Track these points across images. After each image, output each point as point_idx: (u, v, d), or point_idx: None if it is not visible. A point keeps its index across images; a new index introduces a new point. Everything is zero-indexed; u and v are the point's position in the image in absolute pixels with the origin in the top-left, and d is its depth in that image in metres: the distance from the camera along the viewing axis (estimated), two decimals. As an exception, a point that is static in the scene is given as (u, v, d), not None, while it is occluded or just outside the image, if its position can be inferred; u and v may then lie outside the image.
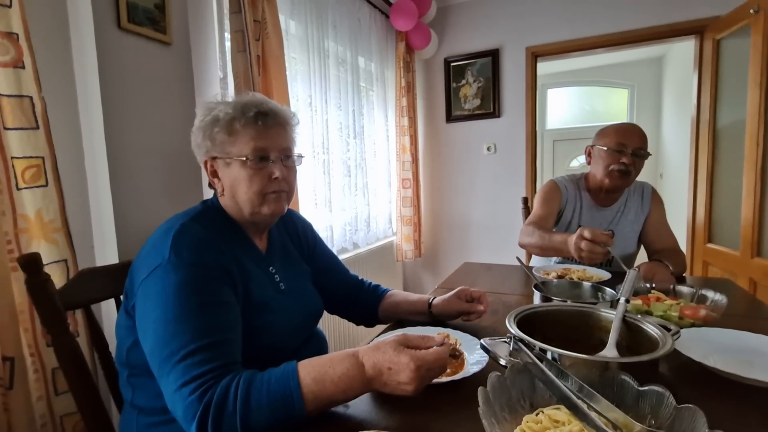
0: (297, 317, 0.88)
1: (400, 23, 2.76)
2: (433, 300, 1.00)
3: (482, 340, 0.67)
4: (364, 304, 1.07)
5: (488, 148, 3.14)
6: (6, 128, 0.87)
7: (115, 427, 0.82)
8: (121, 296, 0.79)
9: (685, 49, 3.41)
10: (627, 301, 0.80)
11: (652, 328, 0.70)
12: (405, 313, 1.03)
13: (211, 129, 0.80)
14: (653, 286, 1.05)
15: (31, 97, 0.90)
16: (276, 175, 0.81)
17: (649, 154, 1.48)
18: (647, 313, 0.92)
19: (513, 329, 0.69)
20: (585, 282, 1.05)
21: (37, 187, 0.92)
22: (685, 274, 1.46)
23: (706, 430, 0.45)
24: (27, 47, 0.89)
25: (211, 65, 1.49)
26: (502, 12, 2.99)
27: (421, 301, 1.02)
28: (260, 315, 0.78)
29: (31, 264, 0.73)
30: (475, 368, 0.74)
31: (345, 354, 0.63)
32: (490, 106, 3.08)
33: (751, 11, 2.01)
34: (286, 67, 1.73)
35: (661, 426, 0.50)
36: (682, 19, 2.56)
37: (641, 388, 0.53)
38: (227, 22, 1.54)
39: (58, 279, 0.92)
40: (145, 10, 1.16)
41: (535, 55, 2.97)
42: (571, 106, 5.31)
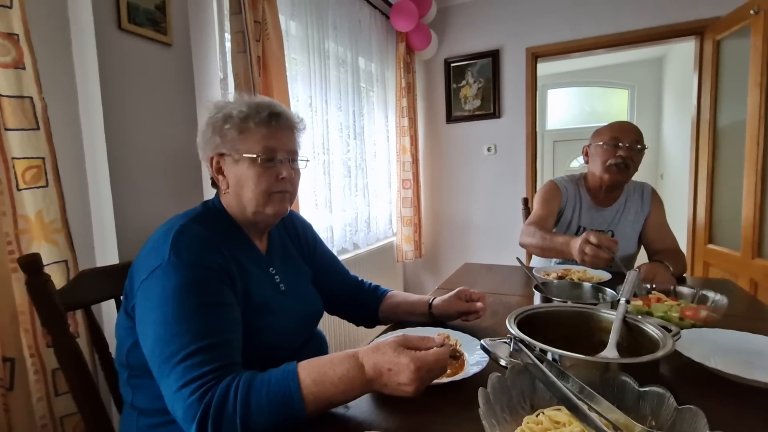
0: (297, 318, 0.88)
1: (401, 24, 2.76)
2: (434, 300, 1.00)
3: (482, 341, 0.67)
4: (364, 305, 1.07)
5: (488, 149, 3.14)
6: (6, 129, 0.87)
7: (115, 428, 0.82)
8: (121, 297, 0.79)
9: (685, 49, 3.41)
10: (627, 302, 0.80)
11: (652, 329, 0.70)
12: (405, 313, 1.03)
13: (222, 125, 0.81)
14: (654, 286, 1.05)
15: (31, 98, 0.90)
16: (283, 175, 0.81)
17: (646, 147, 1.49)
18: (648, 313, 0.92)
19: (513, 330, 0.69)
20: (585, 283, 1.05)
21: (38, 187, 0.92)
22: (685, 274, 1.46)
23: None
24: (27, 48, 0.89)
25: (211, 66, 1.50)
26: (502, 13, 2.99)
27: (422, 302, 1.01)
28: (260, 316, 0.78)
29: (31, 265, 0.73)
30: (476, 369, 0.74)
31: (345, 355, 0.63)
32: (491, 107, 3.08)
33: (751, 12, 2.01)
34: (287, 67, 1.73)
35: (661, 427, 0.50)
36: (682, 20, 2.56)
37: (642, 389, 0.53)
38: (227, 23, 1.54)
39: (59, 280, 0.93)
40: (145, 11, 1.16)
41: (535, 56, 2.97)
42: (572, 106, 5.31)
